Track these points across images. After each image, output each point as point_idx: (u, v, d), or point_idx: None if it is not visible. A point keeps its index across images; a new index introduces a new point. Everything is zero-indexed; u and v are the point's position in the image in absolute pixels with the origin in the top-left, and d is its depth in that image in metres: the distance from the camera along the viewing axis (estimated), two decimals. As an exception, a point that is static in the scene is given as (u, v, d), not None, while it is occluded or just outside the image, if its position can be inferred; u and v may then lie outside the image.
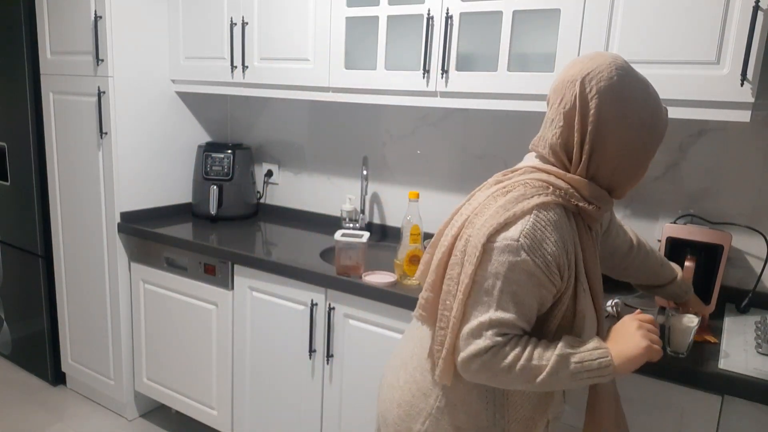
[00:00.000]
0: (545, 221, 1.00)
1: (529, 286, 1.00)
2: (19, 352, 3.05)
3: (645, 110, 1.01)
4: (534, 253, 0.98)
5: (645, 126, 1.02)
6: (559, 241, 1.00)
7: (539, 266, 0.99)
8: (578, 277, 1.05)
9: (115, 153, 2.40)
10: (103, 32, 2.30)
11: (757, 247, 1.72)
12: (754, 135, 1.70)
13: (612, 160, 1.03)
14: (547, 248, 0.99)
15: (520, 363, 1.00)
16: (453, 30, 1.78)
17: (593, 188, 1.05)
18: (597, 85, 1.00)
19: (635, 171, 1.05)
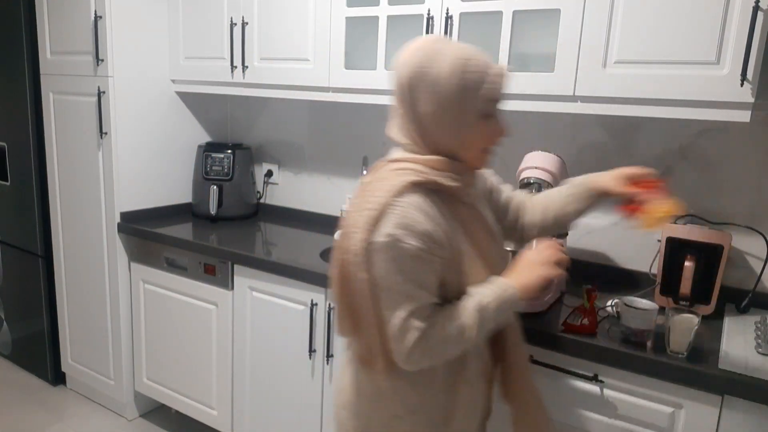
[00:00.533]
0: (408, 206, 1.06)
1: (422, 267, 1.07)
2: (19, 352, 3.05)
3: (452, 75, 1.05)
4: (411, 238, 1.04)
5: (452, 95, 1.06)
6: (427, 219, 1.06)
7: (421, 248, 1.05)
8: (459, 246, 1.12)
9: (115, 153, 2.40)
10: (103, 32, 2.30)
11: (757, 247, 1.72)
12: (754, 135, 1.70)
13: (438, 128, 1.09)
14: (419, 228, 1.05)
15: (449, 332, 1.08)
16: (453, 30, 1.78)
17: (443, 162, 1.11)
18: (405, 71, 1.08)
19: (460, 132, 1.10)
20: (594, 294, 1.51)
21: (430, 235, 1.06)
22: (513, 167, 2.02)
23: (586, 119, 1.94)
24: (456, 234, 1.12)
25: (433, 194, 1.11)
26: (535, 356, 1.54)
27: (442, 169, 1.11)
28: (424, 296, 1.08)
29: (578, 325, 1.50)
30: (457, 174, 1.13)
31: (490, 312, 1.09)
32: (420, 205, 1.08)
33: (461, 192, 1.15)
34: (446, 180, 1.11)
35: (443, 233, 1.09)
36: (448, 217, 1.12)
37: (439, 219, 1.10)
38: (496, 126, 1.13)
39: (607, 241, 1.95)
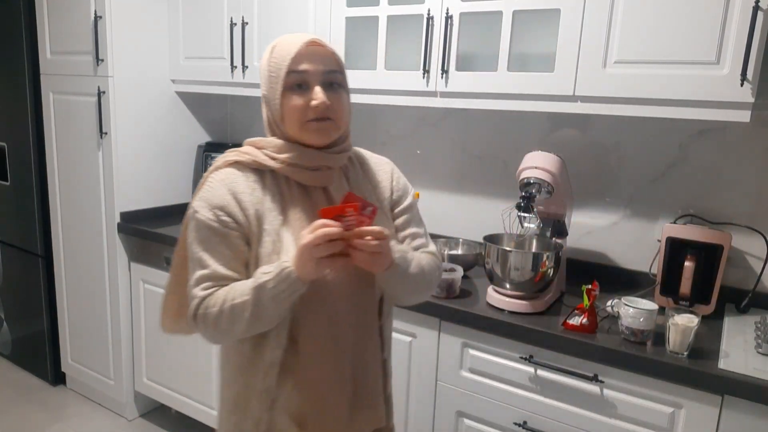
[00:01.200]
0: (214, 181, 1.10)
1: (214, 238, 1.09)
2: (19, 352, 3.05)
3: (266, 56, 1.10)
4: (205, 210, 1.08)
5: (265, 67, 1.10)
6: (227, 195, 1.08)
7: (210, 219, 1.08)
8: (264, 227, 1.09)
9: (115, 153, 2.40)
10: (103, 32, 2.30)
11: (757, 247, 1.72)
12: (754, 135, 1.70)
13: (265, 107, 1.12)
14: (215, 201, 1.08)
15: (227, 305, 1.05)
16: (453, 30, 1.78)
17: (274, 142, 1.12)
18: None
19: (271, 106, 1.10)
20: (594, 294, 1.51)
21: (226, 209, 1.08)
22: (513, 167, 2.02)
23: (586, 119, 1.94)
24: (274, 214, 1.10)
25: (264, 174, 1.12)
26: (535, 356, 1.54)
27: (274, 149, 1.11)
28: (214, 266, 1.09)
29: (578, 325, 1.50)
30: (286, 154, 1.10)
31: (268, 290, 1.02)
32: (229, 180, 1.10)
33: (294, 173, 1.11)
34: (265, 159, 1.11)
35: (253, 211, 1.09)
36: (271, 197, 1.10)
37: (256, 197, 1.09)
38: (308, 96, 1.07)
39: (607, 241, 1.95)
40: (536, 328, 1.52)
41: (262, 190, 1.11)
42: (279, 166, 1.11)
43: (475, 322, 1.62)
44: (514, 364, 1.59)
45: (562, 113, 1.93)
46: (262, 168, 1.12)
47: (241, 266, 1.10)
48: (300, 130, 1.08)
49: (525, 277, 1.60)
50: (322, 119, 1.08)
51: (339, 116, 1.10)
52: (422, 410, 1.78)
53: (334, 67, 1.09)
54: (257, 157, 1.12)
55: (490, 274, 1.67)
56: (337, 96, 1.09)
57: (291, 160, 1.10)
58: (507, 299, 1.63)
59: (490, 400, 1.64)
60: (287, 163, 1.10)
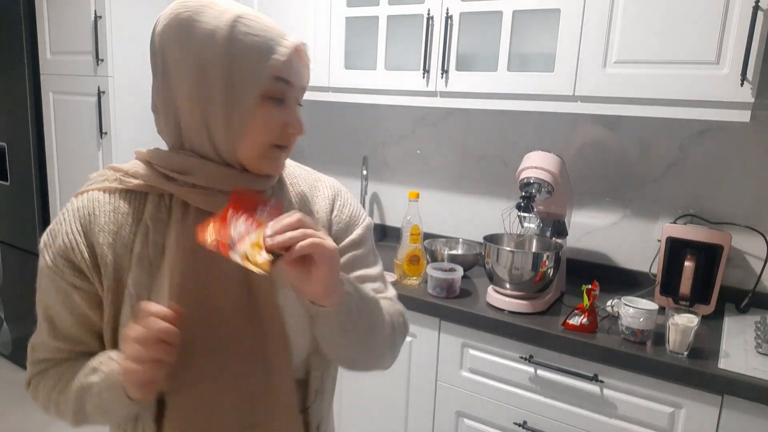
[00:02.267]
0: (69, 211, 0.80)
1: (54, 293, 0.80)
2: (19, 352, 3.05)
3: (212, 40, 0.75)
4: (47, 251, 0.79)
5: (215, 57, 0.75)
6: (75, 233, 0.78)
7: (49, 267, 0.79)
8: (127, 282, 0.78)
9: (115, 153, 2.40)
10: (103, 32, 2.30)
11: (757, 247, 1.72)
12: (754, 135, 1.70)
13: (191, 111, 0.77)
14: (58, 241, 0.78)
15: (53, 397, 0.82)
16: (453, 30, 1.78)
17: (177, 158, 0.80)
18: (159, 27, 0.78)
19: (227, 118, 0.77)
20: (594, 294, 1.51)
21: (67, 254, 0.78)
22: (513, 167, 2.02)
23: (586, 119, 1.94)
24: (144, 265, 0.78)
25: (149, 201, 0.80)
26: (535, 356, 1.54)
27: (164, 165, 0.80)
28: (47, 334, 0.82)
29: (578, 325, 1.50)
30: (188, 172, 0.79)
31: (92, 397, 0.77)
32: (88, 210, 0.79)
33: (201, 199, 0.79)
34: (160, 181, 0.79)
35: (110, 258, 0.78)
36: (146, 235, 0.79)
37: (122, 237, 0.78)
38: (287, 115, 0.80)
39: (607, 241, 1.95)
40: (536, 328, 1.52)
41: (134, 226, 0.79)
42: (180, 189, 0.79)
43: (475, 322, 1.62)
44: (514, 364, 1.59)
45: (562, 113, 1.93)
46: (147, 192, 0.81)
47: (85, 334, 0.82)
48: (259, 153, 0.79)
49: (525, 277, 1.60)
50: (284, 147, 0.82)
51: (294, 143, 0.84)
52: (422, 410, 1.78)
53: (307, 82, 0.86)
54: (148, 179, 0.80)
55: (490, 274, 1.67)
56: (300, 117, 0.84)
57: (205, 181, 0.79)
58: (507, 299, 1.63)
59: (490, 400, 1.64)
60: (197, 187, 0.79)
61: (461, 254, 2.10)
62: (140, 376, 0.71)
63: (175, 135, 0.81)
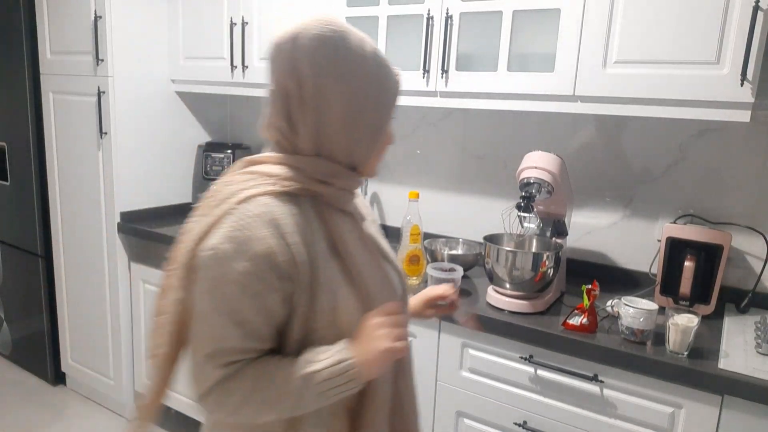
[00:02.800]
0: (249, 217, 0.82)
1: (245, 300, 0.82)
2: (19, 352, 3.05)
3: (366, 66, 0.86)
4: (239, 258, 0.81)
5: (369, 83, 0.87)
6: (272, 237, 0.82)
7: (249, 273, 0.81)
8: (319, 276, 0.86)
9: (115, 153, 2.40)
10: (103, 32, 2.30)
11: (757, 247, 1.72)
12: (754, 135, 1.70)
13: (341, 127, 0.87)
14: (255, 248, 0.81)
15: (257, 395, 0.84)
16: (453, 30, 1.78)
17: (323, 164, 0.88)
18: (308, 43, 0.84)
19: (372, 137, 0.90)
20: (594, 294, 1.51)
21: (271, 259, 0.82)
22: (513, 167, 2.02)
23: (586, 119, 1.94)
24: (326, 258, 0.88)
25: (302, 202, 0.88)
26: (535, 356, 1.54)
27: (317, 171, 0.89)
28: (238, 336, 0.84)
29: (578, 325, 1.50)
30: (336, 179, 0.90)
31: (315, 385, 0.84)
32: (272, 215, 0.83)
33: (339, 199, 0.92)
34: (318, 185, 0.88)
35: (304, 258, 0.84)
36: (316, 232, 0.88)
37: (305, 236, 0.86)
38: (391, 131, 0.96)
39: (607, 241, 1.95)
40: (536, 328, 1.52)
41: (307, 226, 0.87)
42: (332, 191, 0.90)
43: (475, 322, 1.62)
44: (514, 364, 1.59)
45: (562, 113, 1.93)
46: (301, 195, 0.88)
47: (272, 331, 0.87)
48: (375, 161, 0.95)
49: (525, 277, 1.60)
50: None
51: None
52: (422, 410, 1.78)
53: None
54: (308, 184, 0.88)
55: (490, 274, 1.67)
56: None
57: (345, 185, 0.92)
58: (507, 299, 1.63)
59: (490, 400, 1.64)
60: (342, 189, 0.92)
61: (461, 254, 2.10)
62: (399, 354, 0.88)
63: (313, 143, 0.88)
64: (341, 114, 0.86)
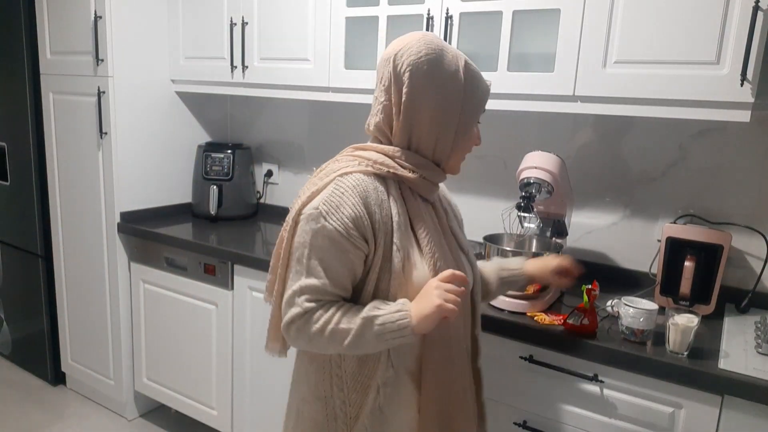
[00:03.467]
0: (344, 187, 1.04)
1: (333, 251, 1.03)
2: (19, 352, 3.05)
3: (455, 80, 1.07)
4: (331, 218, 1.02)
5: (456, 93, 1.07)
6: (359, 205, 1.03)
7: (339, 231, 1.02)
8: (394, 242, 1.06)
9: (115, 153, 2.40)
10: (103, 32, 2.30)
11: (757, 247, 1.72)
12: (754, 135, 1.70)
13: (429, 129, 1.08)
14: (345, 212, 1.02)
15: (330, 327, 1.03)
16: (453, 30, 1.78)
17: (412, 156, 1.10)
18: (408, 59, 1.06)
19: (454, 139, 1.10)
20: (594, 294, 1.51)
21: (356, 222, 1.03)
22: (513, 167, 2.03)
23: (586, 119, 1.94)
24: (402, 230, 1.08)
25: (389, 183, 1.10)
26: (535, 356, 1.54)
27: (407, 161, 1.10)
28: (324, 278, 1.05)
29: (578, 325, 1.50)
30: (423, 171, 1.11)
31: (375, 326, 1.02)
32: (362, 188, 1.05)
33: (422, 187, 1.13)
34: (405, 171, 1.09)
35: (381, 226, 1.05)
36: (398, 210, 1.08)
37: (385, 210, 1.07)
38: (478, 132, 1.15)
39: (607, 241, 1.95)
40: (536, 328, 1.52)
41: (389, 202, 1.08)
42: (417, 178, 1.10)
43: (475, 322, 1.62)
44: (514, 364, 1.59)
45: (562, 113, 1.93)
46: (389, 177, 1.10)
47: (351, 285, 1.08)
48: (459, 160, 1.14)
49: (525, 277, 1.60)
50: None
51: None
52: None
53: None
54: (396, 169, 1.09)
55: (490, 274, 1.67)
56: None
57: (428, 176, 1.11)
58: (507, 299, 1.63)
59: (490, 400, 1.64)
60: (424, 178, 1.11)
61: (461, 254, 2.10)
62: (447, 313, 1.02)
63: (406, 139, 1.10)
64: (429, 119, 1.07)
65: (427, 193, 1.14)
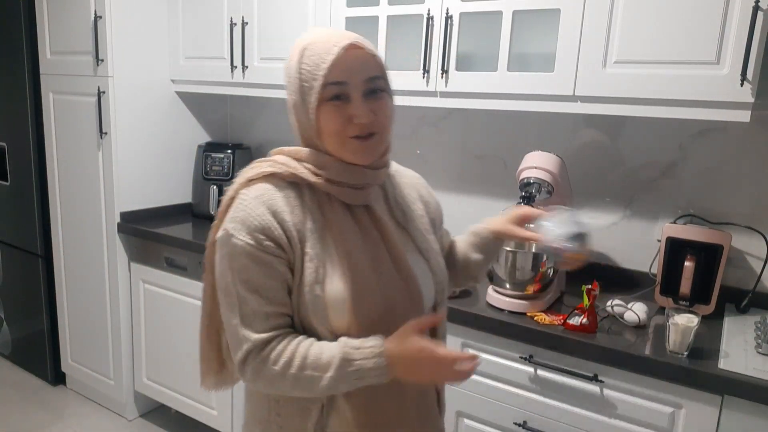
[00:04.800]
0: (248, 199, 0.95)
1: (255, 268, 0.93)
2: (19, 352, 3.05)
3: (292, 60, 0.98)
4: (240, 234, 0.93)
5: (293, 74, 0.97)
6: (266, 215, 0.93)
7: (251, 245, 0.93)
8: (306, 251, 0.95)
9: (115, 153, 2.40)
10: (103, 32, 2.30)
11: (757, 247, 1.72)
12: (754, 135, 1.70)
13: (294, 117, 1.01)
14: (253, 224, 0.93)
15: (291, 371, 0.92)
16: (453, 30, 1.78)
17: (315, 155, 0.98)
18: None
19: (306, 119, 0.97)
20: (594, 294, 1.51)
21: (267, 232, 0.93)
22: (513, 167, 2.02)
23: (586, 119, 1.94)
24: (316, 237, 0.96)
25: (303, 188, 0.98)
26: (535, 356, 1.54)
27: (307, 160, 0.98)
28: (257, 302, 0.93)
29: (578, 325, 1.50)
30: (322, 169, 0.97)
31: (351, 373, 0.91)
32: (266, 196, 0.95)
33: (337, 191, 0.98)
34: (306, 173, 0.97)
35: (295, 233, 0.94)
36: (312, 217, 0.97)
37: (296, 216, 0.96)
38: (352, 109, 0.93)
39: (607, 241, 1.95)
40: (536, 328, 1.52)
41: (301, 209, 0.97)
42: (321, 182, 0.97)
43: (475, 322, 1.62)
44: (513, 364, 1.59)
45: (562, 113, 1.93)
46: (300, 182, 0.98)
47: (287, 296, 0.96)
48: (340, 148, 0.96)
49: (525, 277, 1.60)
50: (365, 137, 0.95)
51: (384, 128, 0.97)
52: (422, 410, 1.78)
53: (376, 72, 0.95)
54: (297, 170, 0.97)
55: (490, 274, 1.67)
56: (381, 104, 0.95)
57: (335, 177, 0.97)
58: (507, 299, 1.63)
59: (490, 400, 1.64)
60: (331, 181, 0.97)
61: (461, 254, 2.10)
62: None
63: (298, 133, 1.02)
64: (290, 105, 1.00)
65: (346, 197, 0.99)
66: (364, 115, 0.93)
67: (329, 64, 0.91)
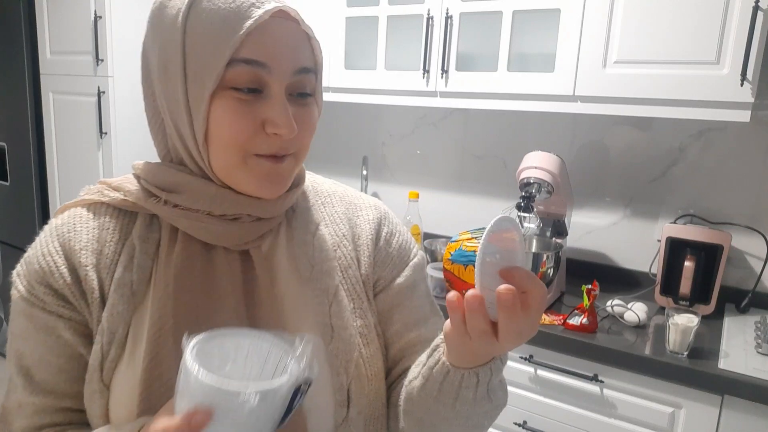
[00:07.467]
0: (46, 231, 0.66)
1: (32, 332, 0.63)
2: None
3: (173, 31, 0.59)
4: (19, 280, 0.64)
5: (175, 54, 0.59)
6: (54, 253, 0.63)
7: (23, 296, 0.63)
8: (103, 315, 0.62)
9: (115, 153, 2.40)
10: (103, 32, 2.30)
11: (757, 247, 1.72)
12: (754, 135, 1.70)
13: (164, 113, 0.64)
14: (33, 266, 0.64)
15: None
16: (453, 30, 1.78)
17: (165, 171, 0.65)
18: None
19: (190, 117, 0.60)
20: (594, 294, 1.51)
21: (46, 278, 0.62)
22: (513, 167, 2.02)
23: (586, 119, 1.94)
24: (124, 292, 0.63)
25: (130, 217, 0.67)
26: (535, 356, 1.54)
27: (150, 180, 0.66)
28: (23, 386, 0.64)
29: (578, 325, 1.50)
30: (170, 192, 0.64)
31: None
32: (69, 227, 0.65)
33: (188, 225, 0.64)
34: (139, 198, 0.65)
35: (95, 281, 0.63)
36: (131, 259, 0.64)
37: (106, 256, 0.64)
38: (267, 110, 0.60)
39: (607, 241, 1.95)
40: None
41: (118, 244, 0.65)
42: (165, 211, 0.64)
43: (475, 322, 1.62)
44: (513, 364, 1.59)
45: (562, 113, 1.93)
46: (133, 209, 0.66)
47: (73, 383, 0.64)
48: (236, 169, 0.61)
49: (525, 277, 1.60)
50: (279, 157, 0.63)
51: (304, 149, 0.67)
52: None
53: (309, 62, 0.63)
54: (133, 195, 0.66)
55: (490, 274, 1.67)
56: (307, 114, 0.65)
57: (190, 203, 0.63)
58: (507, 299, 1.62)
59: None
60: (182, 208, 0.63)
61: (461, 254, 2.10)
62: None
63: (162, 144, 0.67)
64: (159, 93, 0.64)
65: (211, 236, 0.64)
66: (285, 123, 0.60)
67: (244, 31, 0.56)
